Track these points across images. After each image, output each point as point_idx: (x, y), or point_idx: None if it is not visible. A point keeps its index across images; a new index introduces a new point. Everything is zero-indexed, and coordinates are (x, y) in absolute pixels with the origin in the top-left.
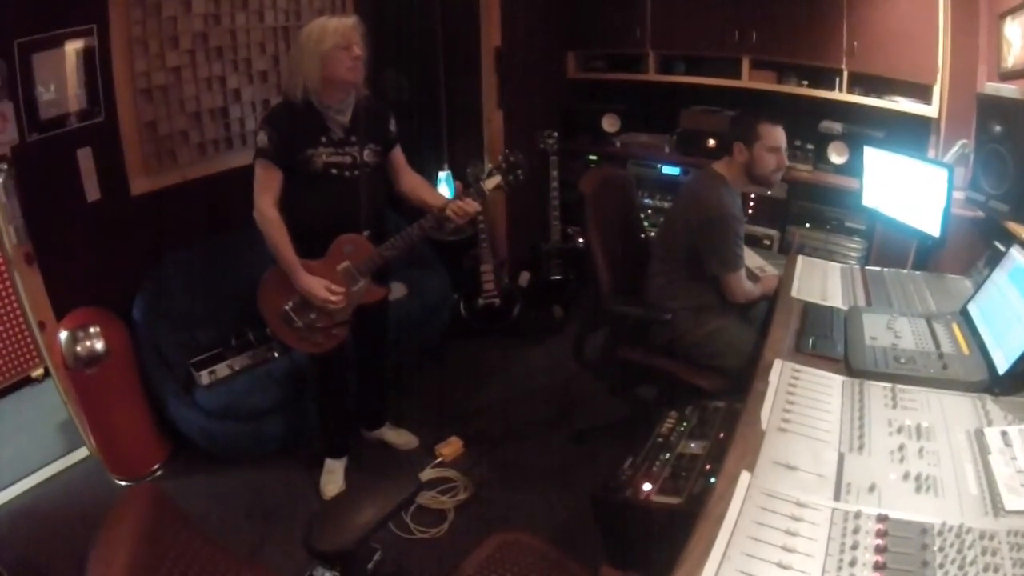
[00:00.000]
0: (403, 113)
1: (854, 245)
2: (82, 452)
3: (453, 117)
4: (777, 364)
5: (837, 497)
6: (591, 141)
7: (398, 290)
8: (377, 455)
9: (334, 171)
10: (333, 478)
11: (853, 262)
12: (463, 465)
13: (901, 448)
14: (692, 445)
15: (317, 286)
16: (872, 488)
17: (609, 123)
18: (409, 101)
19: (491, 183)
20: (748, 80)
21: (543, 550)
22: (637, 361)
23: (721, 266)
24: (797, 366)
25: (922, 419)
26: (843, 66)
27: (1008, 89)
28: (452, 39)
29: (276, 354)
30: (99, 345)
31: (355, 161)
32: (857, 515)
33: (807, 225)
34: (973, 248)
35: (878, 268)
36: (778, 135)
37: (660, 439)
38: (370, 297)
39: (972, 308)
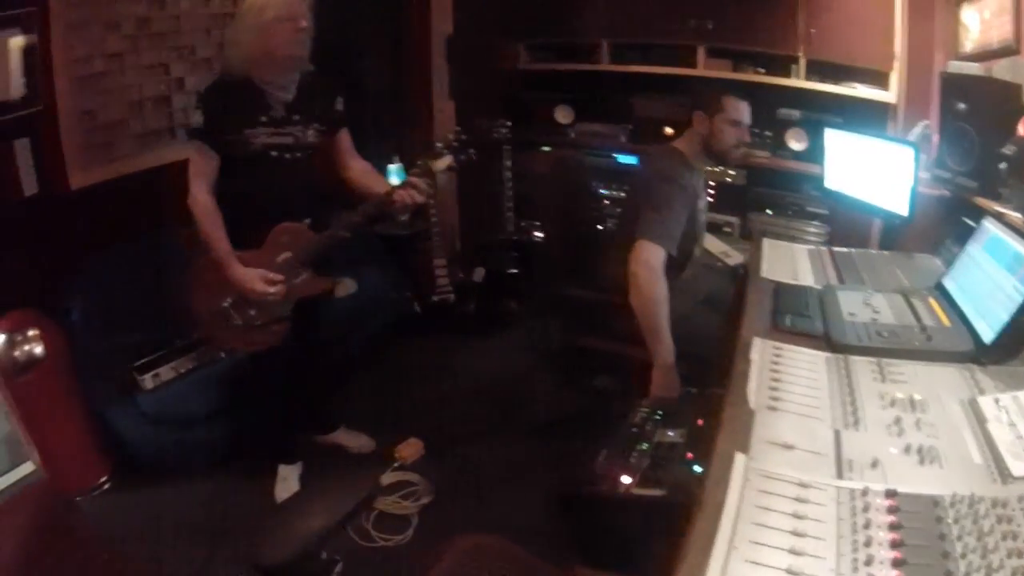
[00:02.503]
0: (357, 99)
1: (816, 229)
2: (28, 467)
3: (402, 107)
4: (757, 342)
5: (840, 475)
6: (543, 132)
7: (348, 286)
8: (333, 460)
9: (273, 153)
10: (287, 486)
11: (801, 245)
12: (424, 467)
13: (898, 421)
14: (670, 433)
15: (252, 277)
16: (875, 463)
17: (562, 114)
18: (362, 88)
19: (441, 163)
20: (704, 68)
21: (512, 553)
22: (599, 349)
23: (644, 229)
24: (777, 344)
25: (913, 391)
26: (800, 53)
27: (971, 67)
28: (401, 27)
29: (223, 354)
30: (38, 349)
31: (297, 142)
32: (864, 492)
33: (768, 211)
34: (939, 226)
35: (846, 248)
36: (742, 109)
37: (635, 429)
38: (312, 290)
39: (948, 282)
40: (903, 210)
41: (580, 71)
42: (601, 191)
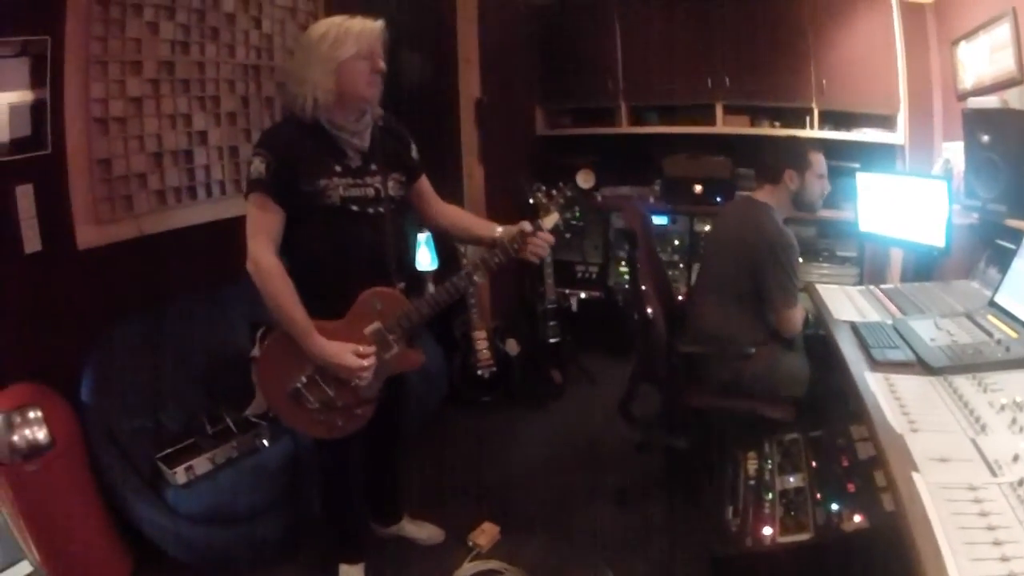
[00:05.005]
0: None
1: (847, 271)
2: (24, 568)
3: (434, 171)
4: (868, 376)
5: (994, 474)
6: None
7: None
8: (399, 554)
9: (355, 207)
10: None
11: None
12: (505, 552)
13: (1014, 421)
14: (791, 479)
15: (341, 351)
16: (1016, 458)
17: (584, 178)
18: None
19: (549, 221)
20: (723, 125)
21: None
22: (710, 406)
23: (784, 299)
24: (885, 375)
25: (1014, 396)
26: (813, 104)
27: (991, 101)
28: (427, 91)
29: (265, 441)
30: (41, 433)
31: (379, 194)
32: (1020, 482)
33: (800, 259)
34: (971, 253)
35: (891, 285)
36: (823, 162)
37: (752, 481)
38: (405, 365)
39: (1001, 298)
40: (939, 242)
41: (598, 134)
42: None
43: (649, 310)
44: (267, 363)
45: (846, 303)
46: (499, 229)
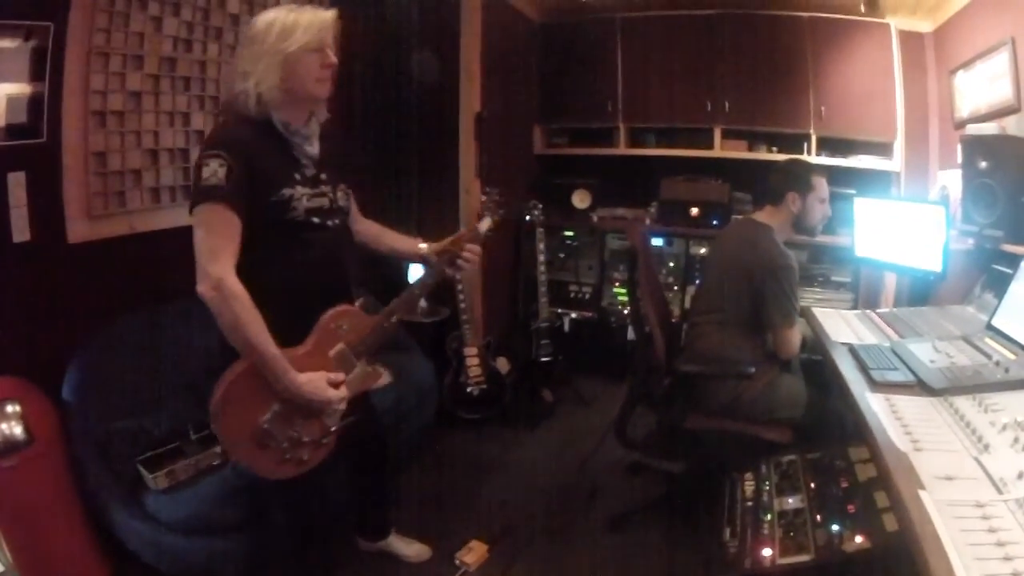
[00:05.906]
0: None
1: (842, 296)
2: None
3: (424, 188)
4: (870, 397)
5: (999, 491)
6: (563, 216)
7: (384, 377)
8: (384, 571)
9: (316, 219)
10: None
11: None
12: (493, 571)
13: (1016, 440)
14: (790, 500)
15: (320, 386)
16: (1020, 475)
17: (580, 198)
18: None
19: (485, 224)
20: (720, 150)
21: None
22: (707, 428)
23: (783, 320)
24: (885, 396)
25: (1015, 416)
26: (811, 131)
27: (989, 127)
28: (427, 105)
29: None
30: (18, 428)
31: (332, 204)
32: None
33: None
34: (965, 278)
35: (886, 309)
36: (826, 186)
37: (749, 503)
38: (367, 384)
39: (999, 321)
40: (936, 266)
41: (595, 155)
42: None
43: (647, 329)
44: (230, 406)
45: (843, 327)
46: (423, 246)
